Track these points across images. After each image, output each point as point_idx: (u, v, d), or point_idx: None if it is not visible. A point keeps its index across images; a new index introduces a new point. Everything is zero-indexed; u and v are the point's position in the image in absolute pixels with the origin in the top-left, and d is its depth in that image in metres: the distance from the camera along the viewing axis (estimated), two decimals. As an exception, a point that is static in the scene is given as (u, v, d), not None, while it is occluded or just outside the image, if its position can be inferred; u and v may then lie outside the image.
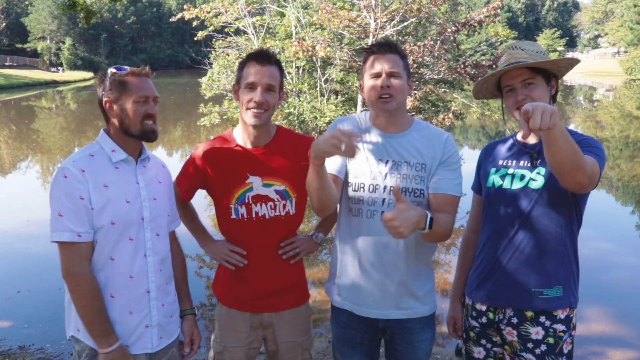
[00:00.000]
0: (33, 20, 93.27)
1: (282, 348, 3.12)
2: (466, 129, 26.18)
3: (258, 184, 2.96)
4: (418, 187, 2.81)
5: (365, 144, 2.85)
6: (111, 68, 2.69)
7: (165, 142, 22.40)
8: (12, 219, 11.26)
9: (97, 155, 2.66)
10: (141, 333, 2.71)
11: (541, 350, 2.72)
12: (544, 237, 2.69)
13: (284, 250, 3.04)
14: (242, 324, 3.09)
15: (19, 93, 52.37)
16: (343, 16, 13.38)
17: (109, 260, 2.61)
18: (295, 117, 14.05)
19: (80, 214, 2.53)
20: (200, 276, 8.18)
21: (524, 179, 2.72)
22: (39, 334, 6.43)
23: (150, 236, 2.72)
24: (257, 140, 2.99)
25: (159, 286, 2.75)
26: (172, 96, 45.98)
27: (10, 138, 24.92)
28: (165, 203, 2.85)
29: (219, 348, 3.12)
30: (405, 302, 2.89)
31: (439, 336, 6.41)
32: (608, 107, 39.64)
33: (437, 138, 2.87)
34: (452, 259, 8.88)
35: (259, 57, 2.91)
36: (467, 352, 3.03)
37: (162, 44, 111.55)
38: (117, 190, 2.62)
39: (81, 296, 2.54)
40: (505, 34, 16.98)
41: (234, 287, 3.09)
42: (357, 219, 2.85)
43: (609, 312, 6.96)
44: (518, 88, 2.70)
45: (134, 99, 2.62)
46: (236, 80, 3.00)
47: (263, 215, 2.98)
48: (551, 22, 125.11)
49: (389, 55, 2.79)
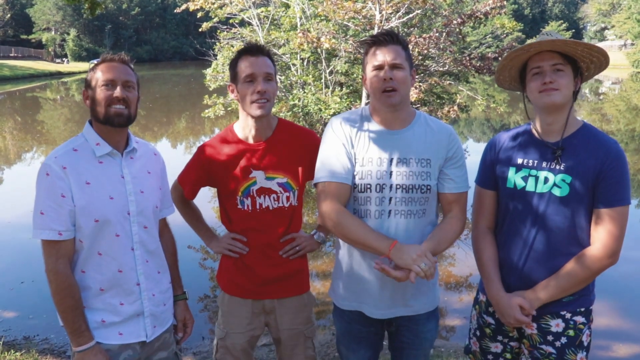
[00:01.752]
0: (38, 12, 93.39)
1: (284, 335, 3.18)
2: (471, 122, 26.12)
3: (261, 178, 3.02)
4: (424, 184, 2.77)
5: (369, 143, 2.79)
6: (92, 60, 2.71)
7: (169, 134, 22.42)
8: (16, 210, 11.27)
9: (80, 149, 2.64)
10: (135, 323, 2.73)
11: (561, 343, 2.69)
12: (565, 240, 2.65)
13: (284, 250, 3.10)
14: (244, 310, 3.16)
15: (23, 84, 52.43)
16: (348, 8, 13.33)
17: (97, 256, 2.62)
18: (299, 109, 14.02)
19: (61, 213, 2.53)
20: (204, 268, 8.20)
21: (547, 182, 2.66)
22: (43, 324, 6.45)
23: (138, 230, 2.72)
24: (258, 135, 3.02)
25: (148, 277, 2.76)
26: (176, 87, 46.00)
27: (15, 129, 24.96)
28: (153, 195, 2.83)
29: (222, 334, 3.20)
30: (412, 300, 2.87)
31: (443, 329, 6.42)
32: (614, 100, 39.49)
33: (440, 132, 2.84)
34: (457, 252, 8.87)
35: (251, 50, 2.95)
36: (483, 349, 2.99)
37: (167, 35, 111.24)
38: (99, 186, 2.61)
39: (56, 293, 2.56)
40: (511, 26, 16.89)
41: (238, 275, 3.15)
42: (365, 220, 2.77)
43: (615, 306, 6.93)
44: (547, 71, 2.61)
45: (99, 83, 2.61)
46: (231, 78, 3.01)
47: (267, 207, 3.05)
48: (557, 14, 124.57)
49: (391, 46, 2.73)
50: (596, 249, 2.59)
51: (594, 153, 2.58)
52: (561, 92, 2.59)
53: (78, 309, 2.57)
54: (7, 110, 32.64)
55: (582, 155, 2.60)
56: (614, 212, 2.56)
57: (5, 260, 8.76)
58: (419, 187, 2.76)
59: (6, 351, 5.33)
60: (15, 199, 12.46)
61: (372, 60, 2.76)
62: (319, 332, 5.43)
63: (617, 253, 2.58)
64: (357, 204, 2.79)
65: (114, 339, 2.67)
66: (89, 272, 2.62)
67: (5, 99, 40.75)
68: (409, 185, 2.75)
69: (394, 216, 2.75)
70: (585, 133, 2.66)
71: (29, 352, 5.42)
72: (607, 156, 2.56)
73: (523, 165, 2.75)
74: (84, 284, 2.62)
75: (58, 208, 2.52)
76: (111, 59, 2.67)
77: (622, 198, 2.57)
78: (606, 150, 2.57)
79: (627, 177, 2.58)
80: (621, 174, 2.57)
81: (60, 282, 2.54)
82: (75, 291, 2.57)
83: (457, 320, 6.60)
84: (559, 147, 2.66)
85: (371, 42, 2.80)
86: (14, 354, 5.29)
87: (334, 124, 2.87)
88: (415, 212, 2.78)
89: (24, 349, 5.57)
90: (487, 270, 2.85)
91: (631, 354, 5.84)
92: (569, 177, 2.61)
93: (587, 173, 2.57)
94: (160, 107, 30.15)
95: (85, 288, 2.62)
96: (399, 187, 2.75)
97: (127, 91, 2.64)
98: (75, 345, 2.58)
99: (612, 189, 2.56)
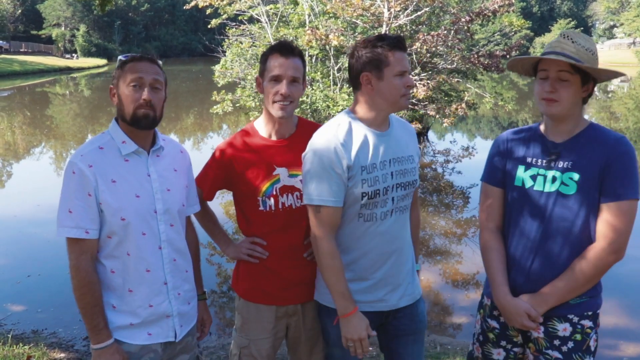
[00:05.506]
0: (48, 7, 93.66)
1: (307, 335, 3.14)
2: (479, 119, 26.06)
3: (285, 175, 2.98)
4: (414, 179, 2.91)
5: (369, 149, 2.77)
6: (120, 56, 2.68)
7: (177, 130, 22.47)
8: (23, 204, 11.36)
9: (106, 147, 2.62)
10: (164, 324, 2.72)
11: (568, 348, 2.64)
12: (573, 239, 2.62)
13: (308, 252, 3.03)
14: (269, 315, 3.08)
15: (33, 79, 52.64)
16: (356, 5, 13.34)
17: (126, 256, 2.61)
18: (307, 106, 14.02)
19: (88, 211, 2.53)
20: (212, 263, 8.20)
21: (555, 181, 2.64)
22: (51, 318, 6.49)
23: (165, 228, 2.69)
24: (281, 132, 3.01)
25: (175, 276, 2.74)
26: (184, 84, 46.07)
27: (25, 124, 25.05)
28: (179, 193, 2.80)
29: (245, 342, 3.10)
30: (410, 288, 2.97)
31: (449, 326, 6.42)
32: (623, 98, 39.28)
33: (408, 129, 3.02)
34: (463, 249, 8.88)
35: (282, 49, 2.90)
36: (485, 355, 2.94)
37: (176, 31, 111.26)
38: (125, 185, 2.60)
39: (76, 289, 2.55)
40: (520, 24, 16.87)
41: (262, 280, 3.07)
42: (370, 223, 2.80)
43: (623, 305, 6.90)
44: (551, 78, 2.57)
45: (127, 82, 2.59)
46: (260, 72, 2.99)
47: (290, 205, 3.00)
48: (566, 12, 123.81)
49: (402, 52, 2.76)
50: (599, 244, 2.56)
51: (599, 148, 2.56)
52: (561, 104, 2.56)
53: (97, 306, 2.57)
54: (17, 105, 32.77)
55: (587, 152, 2.58)
56: (619, 207, 2.52)
57: (12, 253, 8.80)
58: (412, 183, 2.89)
59: (15, 344, 5.37)
60: (22, 194, 12.54)
61: (395, 65, 2.72)
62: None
63: (621, 249, 2.54)
64: (365, 209, 2.79)
65: (141, 339, 2.66)
66: (118, 272, 2.61)
67: (15, 93, 40.92)
68: (406, 182, 2.85)
69: (394, 214, 2.84)
70: (591, 132, 2.64)
71: (38, 346, 5.45)
72: (613, 150, 2.53)
73: (532, 164, 2.73)
74: (113, 284, 2.62)
75: (85, 206, 2.52)
76: (141, 58, 2.64)
77: (627, 192, 2.52)
78: (612, 144, 2.55)
79: (634, 172, 2.53)
80: (627, 167, 2.52)
81: (81, 278, 2.54)
82: (96, 288, 2.57)
83: (464, 318, 6.61)
84: (562, 148, 2.65)
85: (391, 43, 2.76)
86: (22, 347, 5.32)
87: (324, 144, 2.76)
88: (406, 206, 2.92)
89: (32, 342, 5.61)
90: (495, 274, 2.81)
91: (639, 353, 5.82)
92: (576, 175, 2.58)
93: (593, 168, 2.55)
94: (168, 103, 29.49)
95: (114, 288, 2.62)
96: (398, 186, 2.82)
97: (154, 93, 2.62)
98: (94, 342, 2.57)
99: (616, 183, 2.52)
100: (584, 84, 2.59)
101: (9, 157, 17.75)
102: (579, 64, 2.51)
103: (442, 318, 6.75)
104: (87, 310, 2.56)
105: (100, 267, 2.61)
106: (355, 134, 2.77)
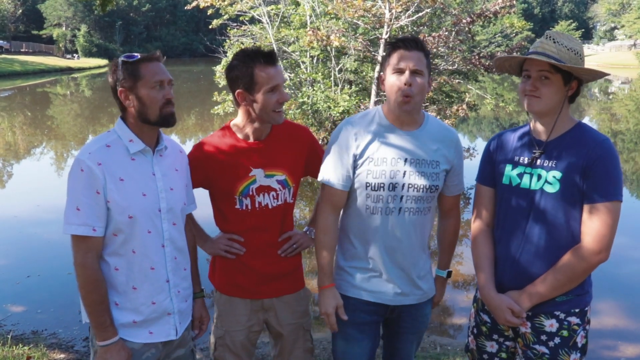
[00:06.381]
0: (49, 7, 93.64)
1: (286, 330, 3.20)
2: (480, 120, 26.06)
3: (261, 176, 3.02)
4: (434, 184, 2.90)
5: (382, 143, 2.87)
6: (121, 57, 2.66)
7: (178, 130, 22.45)
8: (23, 204, 11.36)
9: (113, 145, 2.63)
10: (165, 321, 2.75)
11: (555, 343, 2.69)
12: (560, 236, 2.66)
13: (282, 249, 3.13)
14: (243, 308, 3.15)
15: (34, 79, 52.63)
16: (358, 6, 13.34)
17: (131, 253, 2.62)
18: (309, 107, 14.04)
19: (95, 209, 2.53)
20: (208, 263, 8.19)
21: (540, 179, 2.69)
22: (51, 319, 6.48)
23: (168, 227, 2.73)
24: (259, 134, 3.04)
25: (175, 274, 2.77)
26: (185, 84, 46.03)
27: (25, 124, 25.07)
28: (181, 192, 2.84)
29: (220, 333, 3.17)
30: (417, 289, 3.01)
31: (449, 327, 6.43)
32: (623, 99, 39.31)
33: (448, 136, 2.99)
34: (464, 250, 8.86)
35: (268, 58, 2.89)
36: (479, 347, 3.01)
37: (177, 32, 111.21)
38: (132, 183, 2.61)
39: (82, 286, 2.56)
40: (521, 25, 16.91)
41: (235, 275, 3.14)
42: (375, 216, 2.89)
43: (622, 306, 6.93)
44: (533, 77, 2.65)
45: (150, 85, 2.59)
46: (245, 86, 2.90)
47: (266, 205, 3.06)
48: (567, 13, 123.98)
49: (415, 52, 2.77)
50: (583, 244, 2.59)
51: (581, 149, 2.60)
52: (542, 100, 2.63)
53: (103, 304, 2.58)
54: (18, 106, 32.78)
55: (570, 152, 2.63)
56: (600, 208, 2.55)
57: (12, 254, 8.80)
58: (429, 187, 2.88)
59: (14, 345, 5.36)
60: (22, 194, 12.55)
61: (394, 63, 2.79)
62: (321, 330, 5.46)
63: (605, 250, 2.56)
64: (369, 201, 2.88)
65: (143, 338, 2.69)
66: (122, 269, 2.63)
67: (16, 94, 40.93)
68: (421, 185, 2.86)
69: (404, 213, 2.88)
70: (576, 132, 2.68)
71: (37, 347, 5.45)
72: (593, 151, 2.56)
73: (519, 162, 2.80)
74: (116, 281, 2.63)
75: (93, 204, 2.53)
76: (157, 58, 2.66)
77: (608, 194, 2.54)
78: (593, 146, 2.58)
79: (615, 173, 2.56)
80: (607, 169, 2.55)
81: (87, 276, 2.55)
82: (102, 286, 2.58)
83: (464, 318, 6.60)
84: (547, 146, 2.70)
85: (395, 45, 2.83)
86: (22, 348, 5.32)
87: (346, 121, 2.99)
88: (423, 209, 2.92)
89: (32, 342, 5.60)
90: (481, 270, 2.90)
91: (638, 354, 5.82)
92: (559, 174, 2.63)
93: (574, 169, 2.59)
94: (169, 104, 29.90)
95: (117, 286, 2.63)
96: (411, 187, 2.85)
97: (171, 90, 2.68)
98: (99, 340, 2.58)
99: (597, 185, 2.55)
100: (566, 83, 2.65)
101: (9, 157, 17.76)
102: (559, 64, 2.57)
103: (442, 318, 6.76)
104: (92, 308, 2.57)
105: (104, 265, 2.63)
106: (374, 126, 2.90)
